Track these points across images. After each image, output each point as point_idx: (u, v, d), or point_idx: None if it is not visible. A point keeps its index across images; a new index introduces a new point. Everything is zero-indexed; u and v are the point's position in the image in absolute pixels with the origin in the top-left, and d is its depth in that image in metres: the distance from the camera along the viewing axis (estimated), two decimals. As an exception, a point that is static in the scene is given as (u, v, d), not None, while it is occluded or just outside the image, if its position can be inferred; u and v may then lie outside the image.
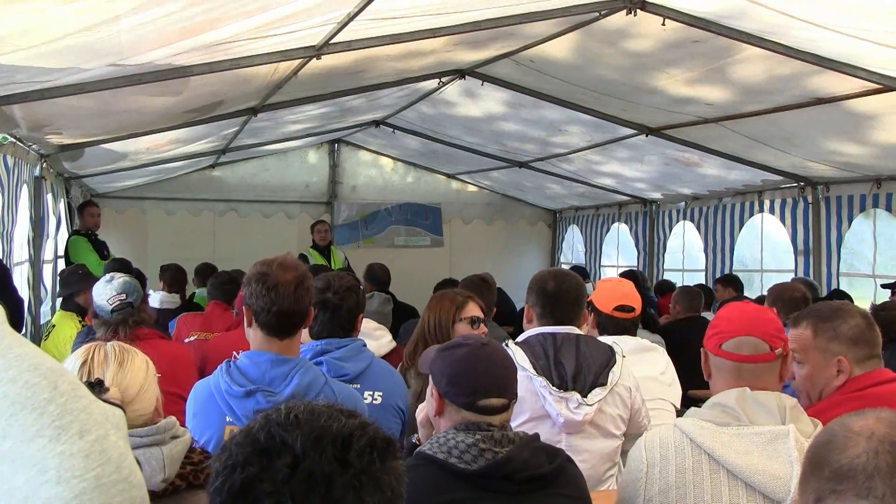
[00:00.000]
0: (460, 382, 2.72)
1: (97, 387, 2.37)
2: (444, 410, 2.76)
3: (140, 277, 7.05)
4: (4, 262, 6.45)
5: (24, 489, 1.32)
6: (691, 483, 2.56)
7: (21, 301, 5.94)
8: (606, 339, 4.10)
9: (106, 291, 4.64)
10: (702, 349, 2.85)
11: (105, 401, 2.33)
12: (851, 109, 6.76)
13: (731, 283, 9.71)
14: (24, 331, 6.36)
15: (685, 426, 2.64)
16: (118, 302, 4.59)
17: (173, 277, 8.72)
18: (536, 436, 2.75)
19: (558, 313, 3.87)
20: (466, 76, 8.56)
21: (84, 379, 2.45)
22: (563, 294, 3.89)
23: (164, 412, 2.63)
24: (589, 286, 6.01)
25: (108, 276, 4.84)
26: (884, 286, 7.80)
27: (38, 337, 7.43)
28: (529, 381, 3.63)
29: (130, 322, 4.55)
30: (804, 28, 5.30)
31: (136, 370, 2.54)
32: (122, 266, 7.37)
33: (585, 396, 3.63)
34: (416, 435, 3.04)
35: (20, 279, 7.50)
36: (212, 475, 1.46)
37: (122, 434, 1.48)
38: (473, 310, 4.56)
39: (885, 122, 6.91)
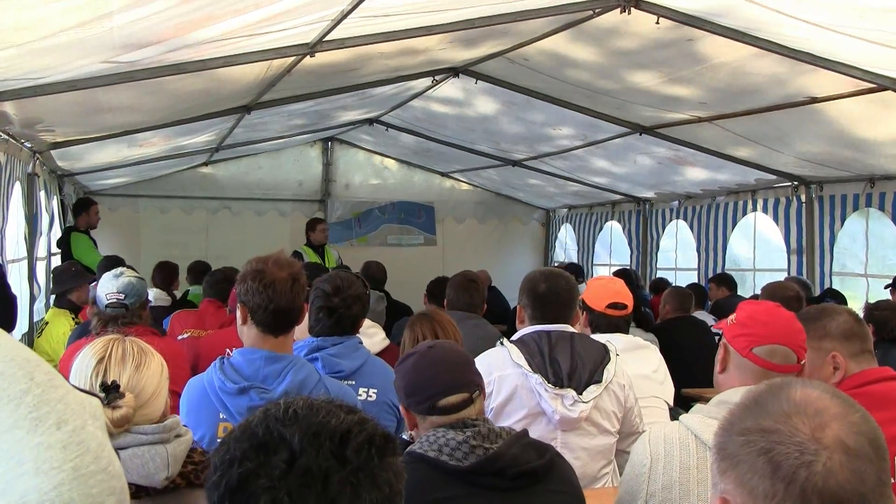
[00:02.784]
0: (415, 391, 2.76)
1: (113, 390, 2.36)
2: (415, 422, 2.80)
3: (133, 275, 7.03)
4: (-2, 259, 6.44)
5: (1, 481, 1.31)
6: (695, 480, 2.55)
7: (14, 298, 5.92)
8: (599, 338, 4.11)
9: (108, 286, 4.66)
10: (723, 341, 2.84)
11: (115, 406, 2.33)
12: (845, 108, 6.77)
13: (725, 283, 9.73)
14: (16, 328, 6.33)
15: (690, 422, 2.63)
16: (115, 300, 4.59)
17: (164, 275, 8.72)
18: (525, 431, 2.75)
19: (550, 314, 3.88)
20: (460, 74, 8.56)
21: (99, 378, 2.44)
22: (554, 295, 3.90)
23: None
24: (583, 285, 6.03)
25: (118, 270, 4.86)
26: (886, 286, 7.81)
27: (31, 334, 7.42)
28: (525, 379, 3.64)
29: (120, 322, 4.55)
30: (798, 27, 5.31)
31: (151, 374, 2.52)
32: (115, 263, 7.34)
33: (580, 394, 3.64)
34: (409, 433, 3.05)
35: (19, 277, 7.48)
36: (210, 470, 1.46)
37: (99, 424, 1.48)
38: None
39: (878, 121, 6.93)
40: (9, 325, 5.78)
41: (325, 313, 3.81)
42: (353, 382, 3.73)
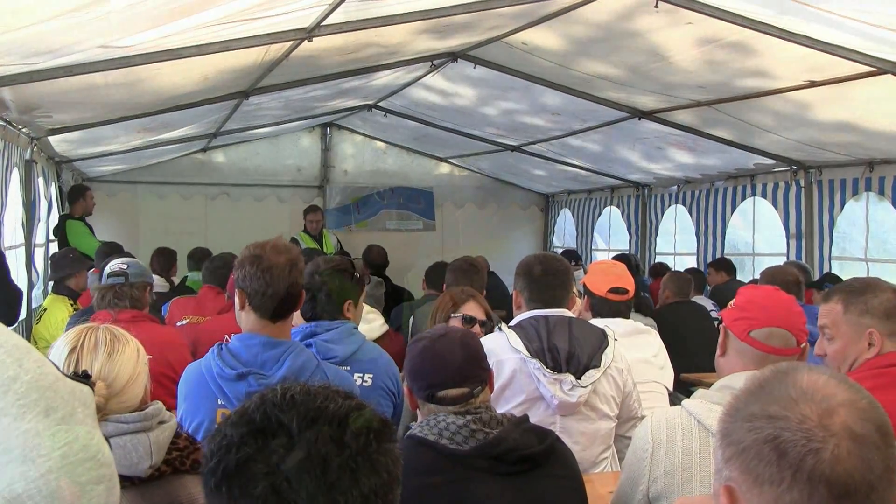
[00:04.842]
0: (418, 377, 2.78)
1: (83, 379, 2.34)
2: (415, 402, 2.83)
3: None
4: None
5: None
6: (697, 465, 2.55)
7: (20, 292, 5.93)
8: (599, 322, 4.11)
9: (113, 261, 4.91)
10: (722, 326, 2.83)
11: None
12: (844, 92, 6.75)
13: (724, 267, 9.73)
14: (18, 320, 6.33)
15: (693, 407, 2.62)
16: (118, 269, 4.78)
17: (163, 261, 8.72)
18: (525, 417, 2.76)
19: (546, 297, 3.87)
20: (458, 59, 8.52)
21: (71, 368, 2.42)
22: (549, 278, 3.90)
23: (155, 393, 2.61)
24: (580, 272, 6.04)
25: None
26: None
27: (29, 320, 7.41)
28: (523, 364, 3.64)
29: (117, 289, 4.71)
30: (798, 10, 5.29)
31: (125, 361, 2.49)
32: (114, 249, 7.34)
33: (579, 378, 3.63)
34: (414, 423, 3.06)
35: (16, 263, 7.47)
36: (205, 456, 1.45)
37: (89, 412, 1.46)
38: (470, 309, 4.57)
39: (877, 105, 6.91)
40: (12, 319, 5.79)
41: (307, 292, 3.81)
42: (348, 368, 3.73)
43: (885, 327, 3.18)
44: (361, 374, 3.78)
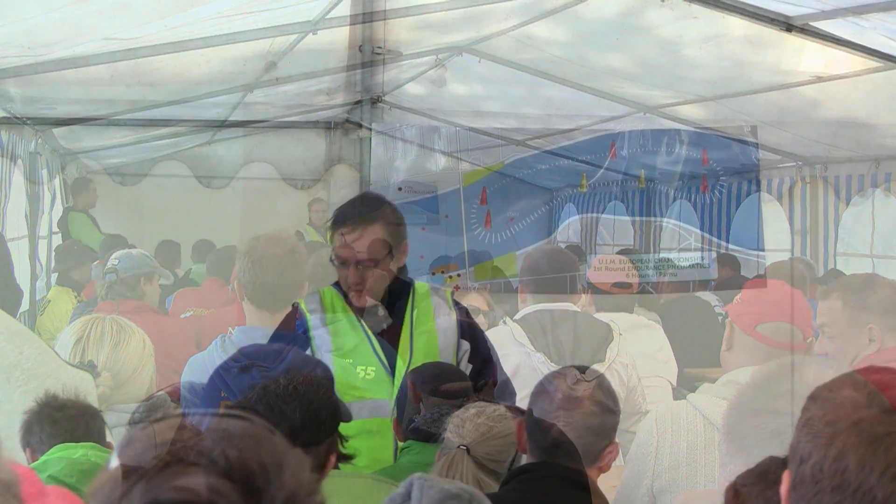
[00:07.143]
0: (419, 372, 2.76)
1: (89, 370, 2.34)
2: (420, 398, 2.82)
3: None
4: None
5: None
6: (702, 460, 2.54)
7: (20, 294, 5.95)
8: (603, 317, 4.10)
9: (111, 255, 4.87)
10: (728, 320, 2.82)
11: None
12: (851, 88, 6.72)
13: (728, 263, 9.69)
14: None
15: (698, 402, 2.61)
16: (110, 265, 4.86)
17: (167, 254, 8.72)
18: (530, 411, 2.75)
19: (551, 291, 3.86)
20: (464, 53, 8.49)
21: (77, 358, 2.42)
22: (555, 271, 3.89)
23: (158, 385, 2.61)
24: (584, 266, 6.03)
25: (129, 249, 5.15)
26: None
27: (33, 312, 7.40)
28: (528, 358, 3.63)
29: (115, 289, 4.78)
30: (804, 4, 5.26)
31: (131, 352, 2.50)
32: (118, 242, 7.35)
33: (583, 373, 3.62)
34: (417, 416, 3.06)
35: (18, 254, 7.46)
36: (208, 448, 1.44)
37: (91, 399, 1.47)
38: (472, 300, 4.58)
39: (885, 101, 6.87)
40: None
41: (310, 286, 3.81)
42: (351, 361, 3.71)
43: (884, 323, 3.17)
44: (364, 367, 3.76)
